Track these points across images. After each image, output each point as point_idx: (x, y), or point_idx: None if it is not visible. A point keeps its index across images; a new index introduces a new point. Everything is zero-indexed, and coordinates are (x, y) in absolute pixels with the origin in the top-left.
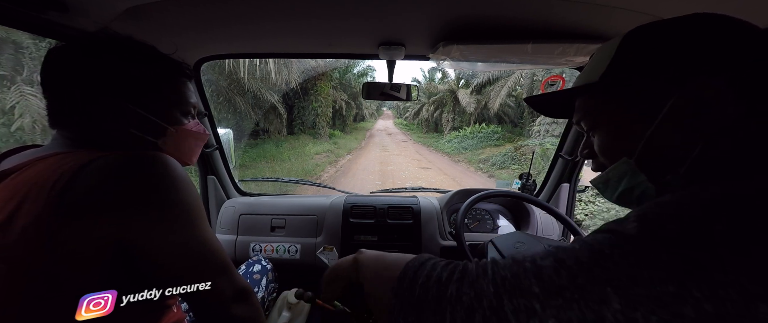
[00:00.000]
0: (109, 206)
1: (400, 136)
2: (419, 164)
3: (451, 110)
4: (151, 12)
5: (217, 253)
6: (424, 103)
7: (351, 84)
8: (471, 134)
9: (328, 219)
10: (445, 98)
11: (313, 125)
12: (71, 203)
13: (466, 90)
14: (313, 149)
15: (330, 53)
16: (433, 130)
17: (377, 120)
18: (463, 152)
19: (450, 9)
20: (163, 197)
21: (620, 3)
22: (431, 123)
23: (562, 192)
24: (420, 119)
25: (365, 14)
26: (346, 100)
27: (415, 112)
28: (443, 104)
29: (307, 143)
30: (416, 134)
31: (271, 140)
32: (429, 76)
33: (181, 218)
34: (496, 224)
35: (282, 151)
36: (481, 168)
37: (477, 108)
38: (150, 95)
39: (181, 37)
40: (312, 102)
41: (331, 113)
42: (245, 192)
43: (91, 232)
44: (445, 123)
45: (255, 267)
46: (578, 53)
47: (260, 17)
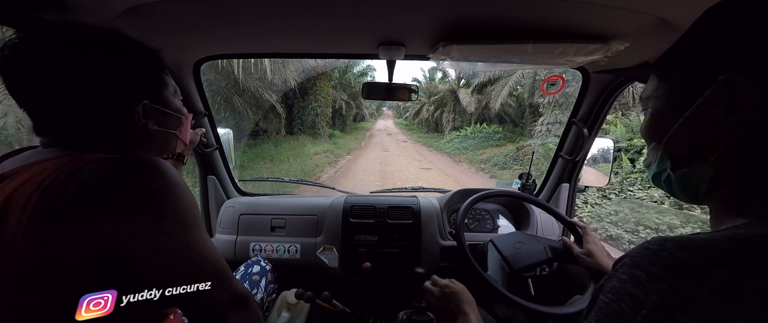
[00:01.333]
0: (101, 211)
1: (400, 136)
2: (420, 165)
3: (452, 110)
4: (150, 12)
5: (212, 260)
6: (424, 103)
7: (351, 84)
8: (472, 134)
9: (328, 219)
10: (445, 97)
11: (313, 124)
12: (64, 208)
13: (466, 90)
14: (312, 149)
15: (330, 53)
16: (433, 130)
17: (377, 120)
18: (464, 152)
19: (450, 9)
20: (157, 202)
21: (620, 3)
22: (431, 123)
23: (562, 192)
24: (420, 119)
25: (365, 14)
26: (346, 100)
27: (415, 112)
28: (444, 103)
29: (306, 143)
30: (416, 134)
31: (270, 140)
32: (429, 76)
33: (175, 224)
34: (496, 224)
35: (281, 151)
36: (483, 168)
37: (478, 108)
38: (160, 89)
39: (180, 37)
40: (311, 102)
41: (330, 113)
42: (245, 192)
43: (83, 237)
44: (446, 123)
45: (254, 268)
46: (578, 53)
47: (260, 17)
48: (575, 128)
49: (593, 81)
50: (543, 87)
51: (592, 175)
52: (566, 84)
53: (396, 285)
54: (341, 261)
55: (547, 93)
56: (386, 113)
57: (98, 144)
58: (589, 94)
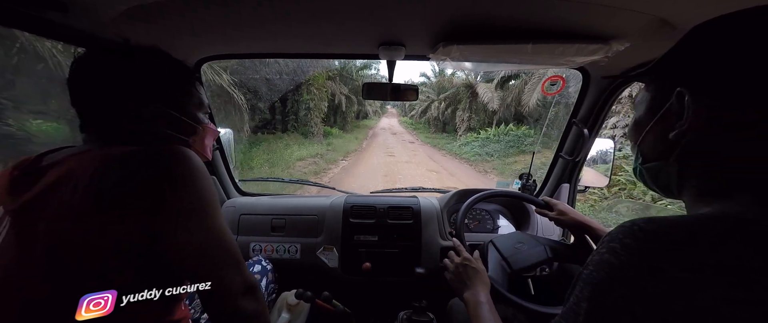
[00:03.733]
0: (138, 196)
1: (406, 136)
2: (439, 178)
3: (467, 108)
4: (151, 12)
5: (233, 245)
6: (433, 100)
7: (352, 76)
8: (495, 137)
9: (328, 219)
10: (460, 93)
11: (306, 121)
12: (104, 193)
13: (487, 84)
14: (296, 153)
15: (330, 53)
16: (440, 130)
17: (381, 118)
18: (487, 158)
19: (450, 9)
20: (189, 187)
21: (620, 3)
22: (440, 122)
23: (563, 192)
24: (427, 118)
25: (365, 15)
26: (347, 94)
27: (422, 110)
28: (458, 100)
29: (292, 144)
30: (424, 135)
31: (243, 140)
32: (439, 70)
33: (204, 208)
34: (496, 225)
35: (253, 156)
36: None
37: (502, 105)
38: (183, 99)
39: (181, 37)
40: (303, 94)
41: (325, 108)
42: (245, 192)
43: (123, 222)
44: (459, 122)
45: (255, 268)
46: (578, 53)
47: (260, 17)
48: (575, 128)
49: (593, 81)
50: (543, 88)
51: (593, 175)
52: (566, 84)
53: (396, 285)
54: (341, 261)
55: (547, 93)
56: (390, 111)
57: (127, 140)
58: (590, 94)
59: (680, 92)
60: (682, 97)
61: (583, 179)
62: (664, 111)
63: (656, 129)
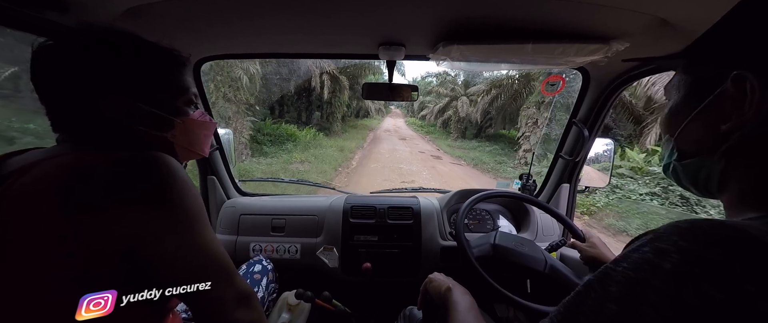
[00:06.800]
0: (112, 208)
1: (420, 143)
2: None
3: (512, 103)
4: (151, 12)
5: (219, 258)
6: (452, 97)
7: (347, 67)
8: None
9: (328, 220)
10: (503, 85)
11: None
12: (76, 205)
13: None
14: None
15: (330, 53)
16: (461, 135)
17: (384, 118)
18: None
19: (450, 9)
20: (166, 198)
21: (620, 3)
22: (463, 124)
23: (563, 192)
24: (445, 119)
25: (365, 14)
26: (335, 74)
27: (440, 109)
28: (516, 95)
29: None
30: (445, 142)
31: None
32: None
33: (183, 221)
34: (496, 225)
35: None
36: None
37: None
38: (151, 88)
39: (181, 37)
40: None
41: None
42: (245, 192)
43: (96, 233)
44: (526, 126)
45: (256, 267)
46: (578, 53)
47: (260, 17)
48: (575, 128)
49: (593, 81)
50: (543, 88)
51: (593, 175)
52: (566, 84)
53: (396, 285)
54: (341, 262)
55: (547, 93)
56: (394, 111)
57: (116, 144)
58: (590, 94)
59: (739, 75)
60: (743, 81)
61: (583, 180)
62: (712, 98)
63: (701, 119)
